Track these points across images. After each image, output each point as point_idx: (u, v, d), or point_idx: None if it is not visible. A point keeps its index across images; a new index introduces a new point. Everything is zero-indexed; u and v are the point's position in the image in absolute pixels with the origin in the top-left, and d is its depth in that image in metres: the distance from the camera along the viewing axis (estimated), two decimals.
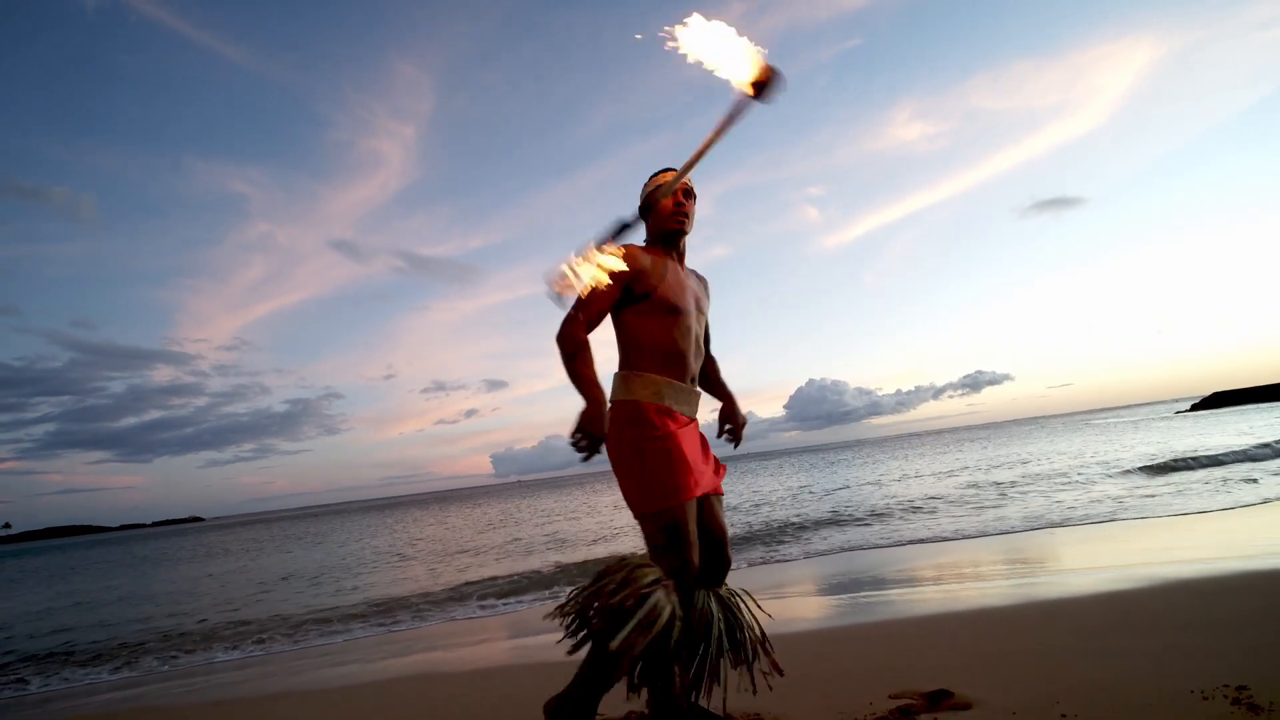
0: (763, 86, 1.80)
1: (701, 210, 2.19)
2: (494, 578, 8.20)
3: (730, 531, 2.22)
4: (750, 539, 9.17)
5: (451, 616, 6.18)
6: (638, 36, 1.86)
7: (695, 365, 2.11)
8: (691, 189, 2.12)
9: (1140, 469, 11.87)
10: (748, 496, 17.63)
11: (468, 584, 7.92)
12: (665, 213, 2.07)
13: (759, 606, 2.15)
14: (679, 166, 2.01)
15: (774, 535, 9.32)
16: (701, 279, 2.27)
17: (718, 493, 2.15)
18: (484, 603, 6.73)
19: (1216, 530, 5.80)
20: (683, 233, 2.10)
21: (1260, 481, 8.85)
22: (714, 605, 2.02)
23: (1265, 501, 7.14)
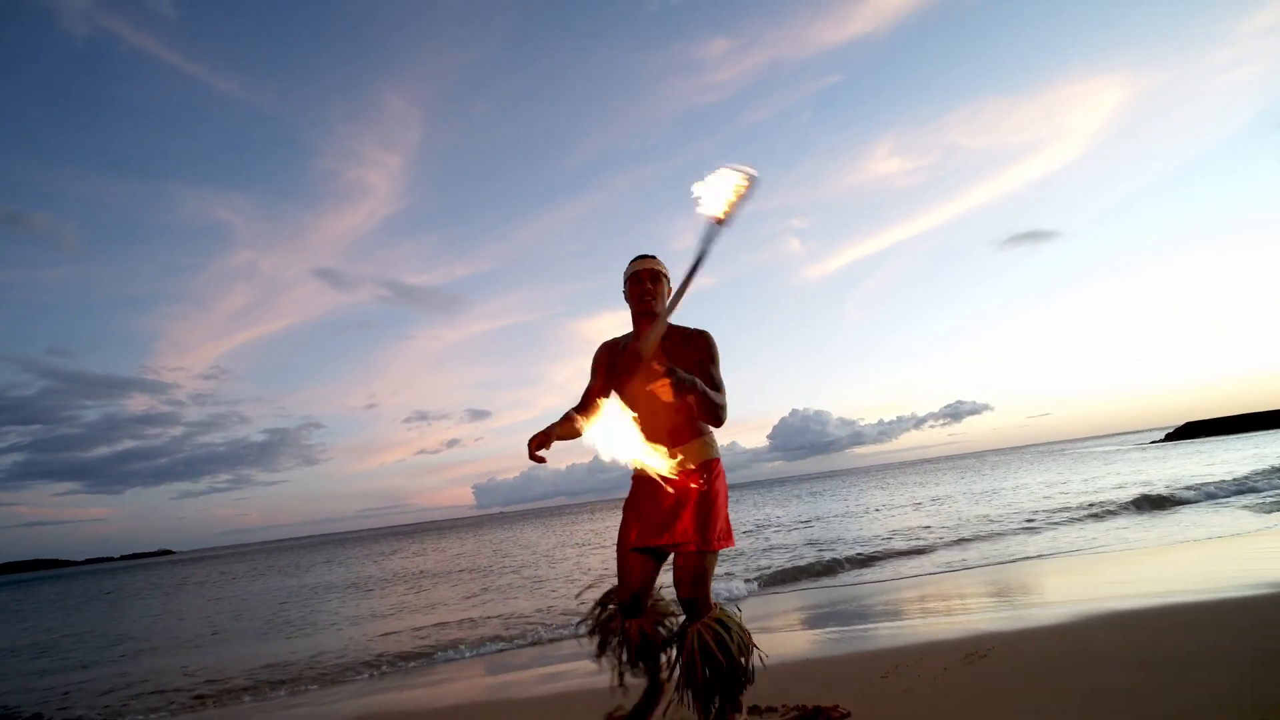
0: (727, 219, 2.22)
1: (688, 242, 2.36)
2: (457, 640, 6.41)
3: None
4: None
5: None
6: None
7: (658, 423, 2.33)
8: (656, 271, 2.43)
9: (1109, 501, 12.00)
10: None
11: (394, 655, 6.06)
12: (631, 300, 2.46)
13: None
14: (649, 252, 2.47)
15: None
16: (687, 336, 2.43)
17: (676, 544, 2.31)
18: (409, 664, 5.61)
19: (1176, 563, 5.86)
20: (652, 312, 2.39)
21: (1221, 513, 8.99)
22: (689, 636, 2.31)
23: (1211, 537, 7.24)
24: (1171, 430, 54.47)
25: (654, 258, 2.47)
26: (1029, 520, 10.86)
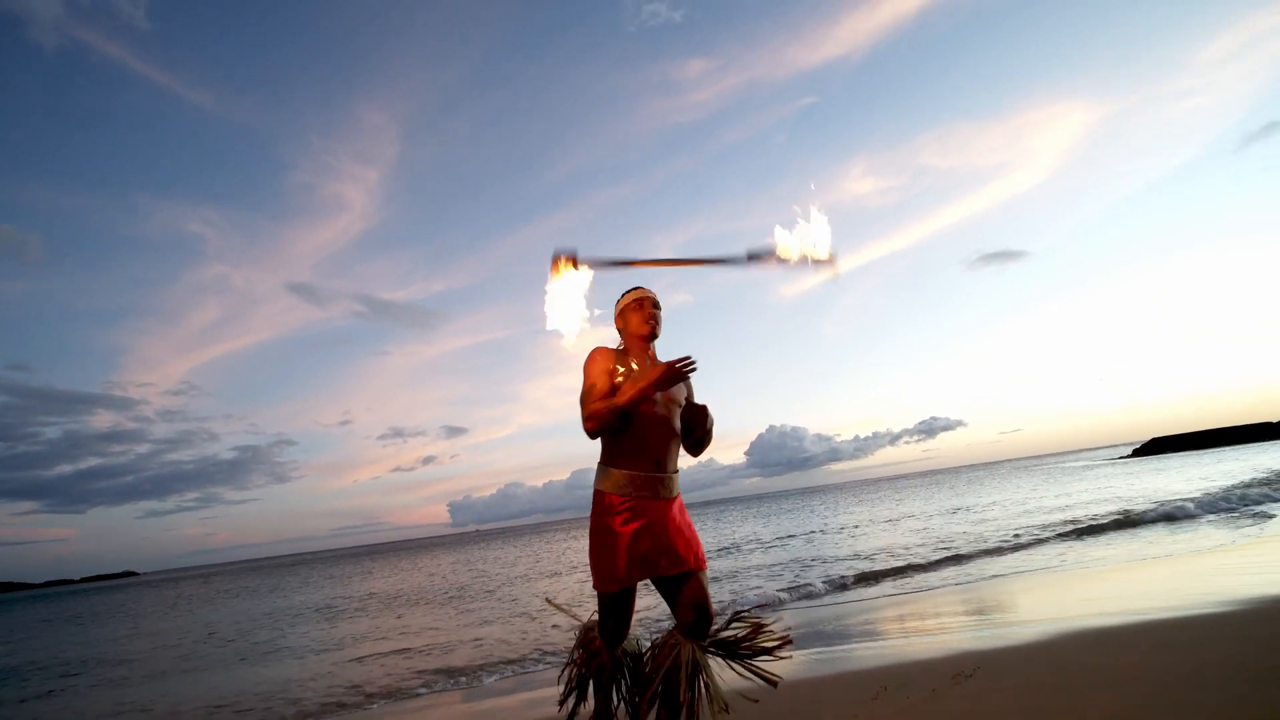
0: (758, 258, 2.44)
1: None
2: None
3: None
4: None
5: None
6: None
7: (668, 450, 2.45)
8: (656, 300, 2.58)
9: (1083, 518, 12.19)
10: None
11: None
12: (639, 324, 2.54)
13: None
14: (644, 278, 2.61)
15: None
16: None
17: (694, 568, 2.40)
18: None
19: (1147, 580, 5.95)
20: (654, 336, 2.55)
21: (1195, 528, 9.17)
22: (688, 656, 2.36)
23: (1170, 553, 7.37)
24: (1139, 446, 55.62)
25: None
26: (1004, 537, 10.98)
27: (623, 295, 2.61)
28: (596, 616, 2.61)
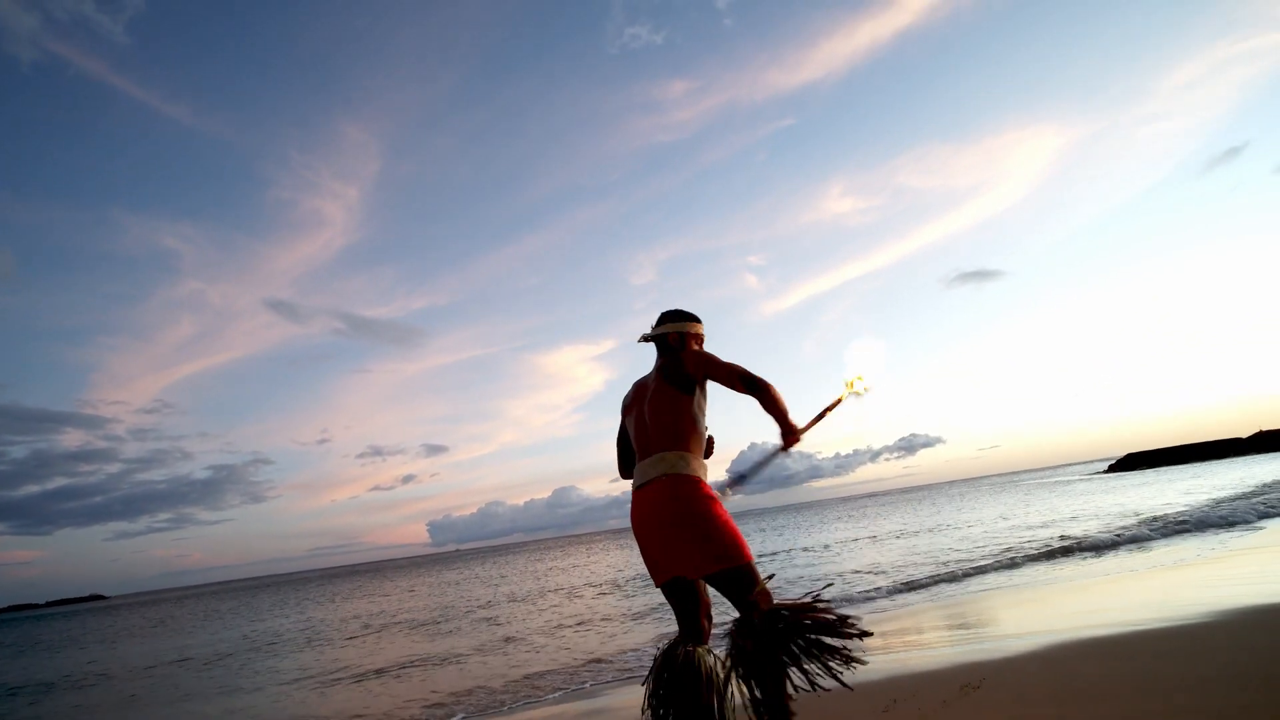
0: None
1: (646, 277, 2.61)
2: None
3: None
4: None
5: None
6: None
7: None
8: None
9: (1066, 535, 12.33)
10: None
11: None
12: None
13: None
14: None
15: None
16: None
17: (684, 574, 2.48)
18: None
19: (1135, 590, 6.03)
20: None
21: (1166, 542, 9.31)
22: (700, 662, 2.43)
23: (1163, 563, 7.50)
24: (1115, 461, 56.52)
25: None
26: (993, 553, 11.07)
27: (699, 321, 2.82)
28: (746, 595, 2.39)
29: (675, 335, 2.72)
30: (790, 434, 2.53)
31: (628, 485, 2.70)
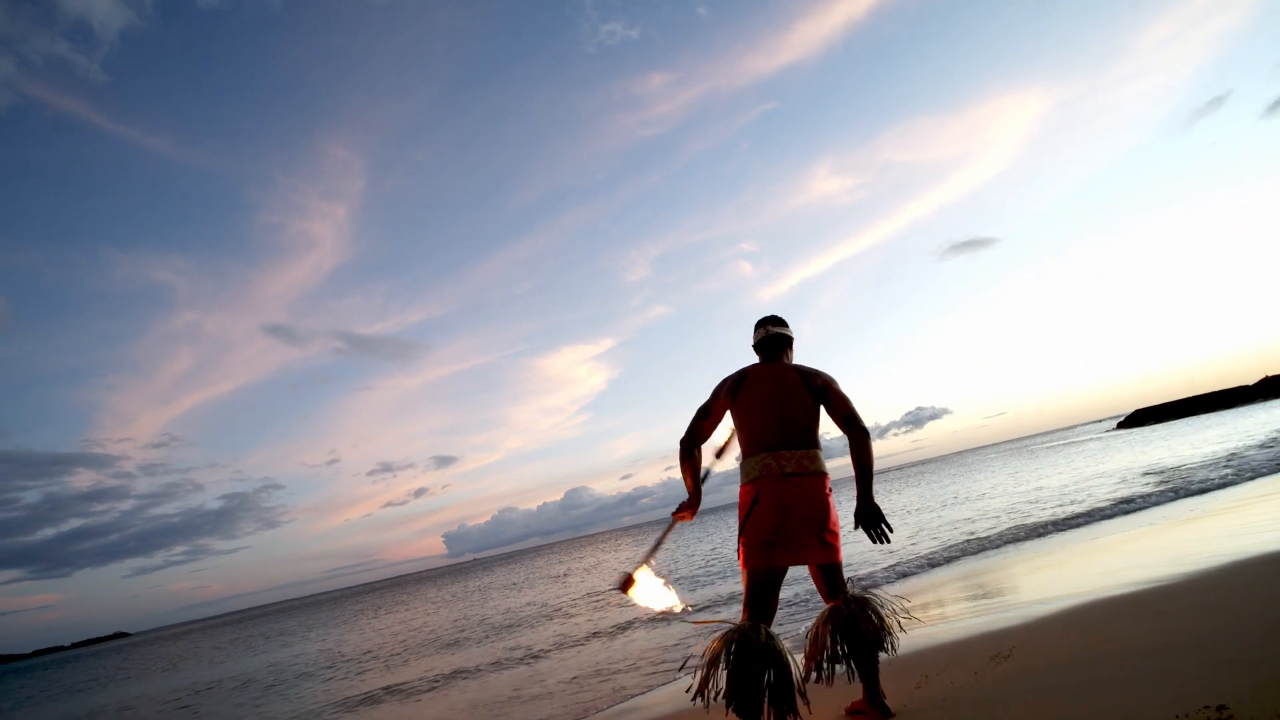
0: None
1: (641, 273, 2.67)
2: None
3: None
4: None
5: None
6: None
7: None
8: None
9: (1081, 494, 12.31)
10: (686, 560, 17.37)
11: None
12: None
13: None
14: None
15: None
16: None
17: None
18: None
19: (1164, 545, 6.00)
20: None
21: (1191, 496, 9.29)
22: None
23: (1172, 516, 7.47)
24: (1123, 419, 56.44)
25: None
26: (1007, 520, 11.06)
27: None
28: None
29: (789, 340, 3.00)
30: (863, 503, 2.72)
31: (640, 481, 2.73)
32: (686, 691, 2.60)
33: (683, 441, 2.80)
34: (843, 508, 3.01)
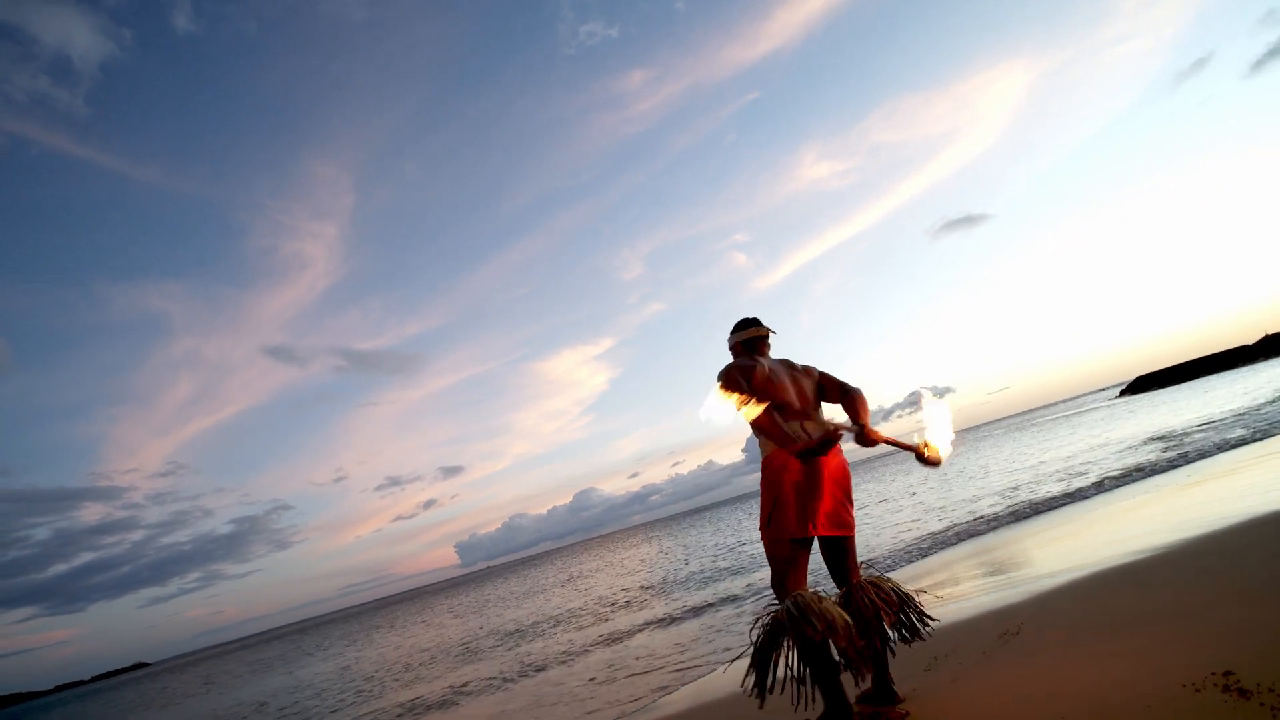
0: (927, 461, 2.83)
1: (635, 271, 2.76)
2: None
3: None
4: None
5: None
6: None
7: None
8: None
9: (1081, 465, 12.30)
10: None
11: None
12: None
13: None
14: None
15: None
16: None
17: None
18: None
19: (1167, 512, 5.99)
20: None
21: (1184, 458, 9.29)
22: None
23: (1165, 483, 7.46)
24: (1125, 386, 56.40)
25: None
26: (1012, 496, 11.06)
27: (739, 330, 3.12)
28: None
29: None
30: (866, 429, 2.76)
31: (648, 479, 2.72)
32: (741, 687, 2.52)
33: (763, 427, 2.72)
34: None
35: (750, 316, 3.14)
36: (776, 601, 2.64)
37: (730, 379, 2.77)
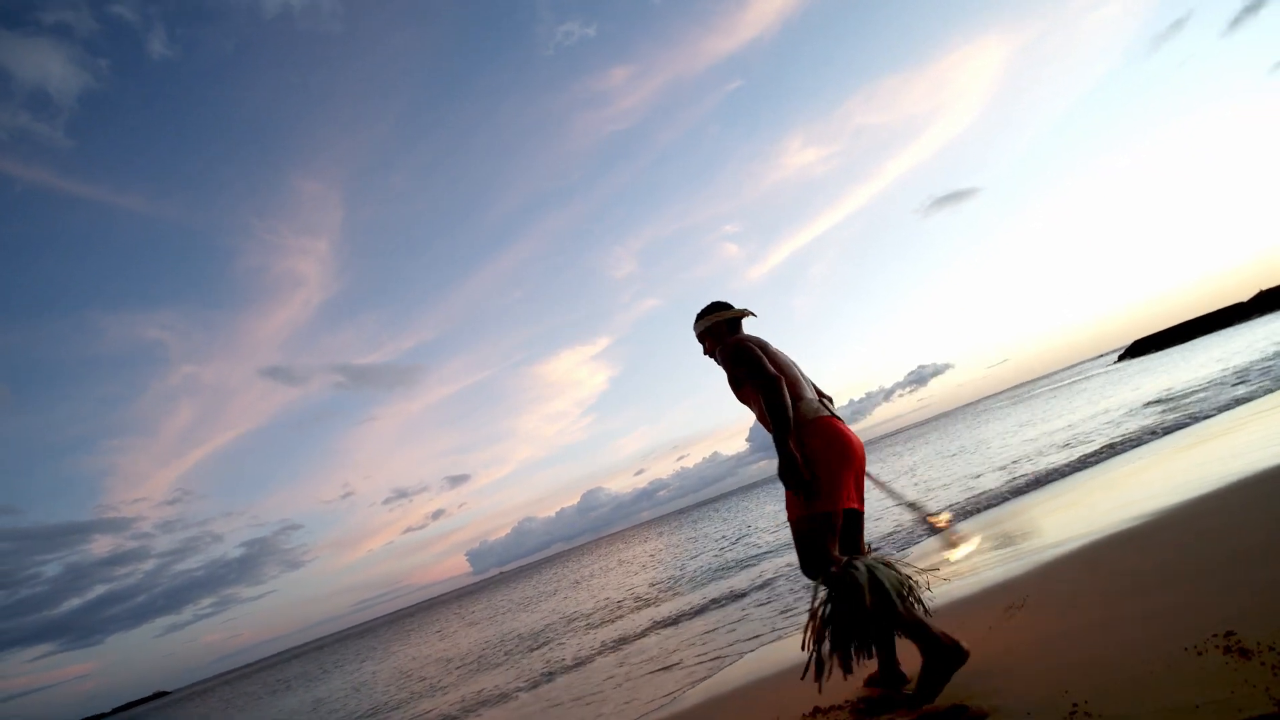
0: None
1: (628, 268, 2.77)
2: None
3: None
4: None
5: None
6: None
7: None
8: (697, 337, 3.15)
9: (1081, 434, 12.34)
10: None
11: None
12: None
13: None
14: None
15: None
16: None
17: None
18: None
19: (1168, 475, 6.02)
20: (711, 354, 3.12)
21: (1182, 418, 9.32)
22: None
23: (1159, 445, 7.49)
24: (1123, 350, 56.49)
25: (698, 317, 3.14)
26: (1014, 469, 11.09)
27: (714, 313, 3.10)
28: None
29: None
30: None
31: (654, 475, 2.72)
32: (803, 677, 2.45)
33: (782, 405, 2.60)
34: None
35: (720, 300, 3.12)
36: (816, 578, 2.56)
37: (750, 355, 2.71)
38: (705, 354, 3.14)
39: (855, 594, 2.39)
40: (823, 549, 2.51)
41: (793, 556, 9.87)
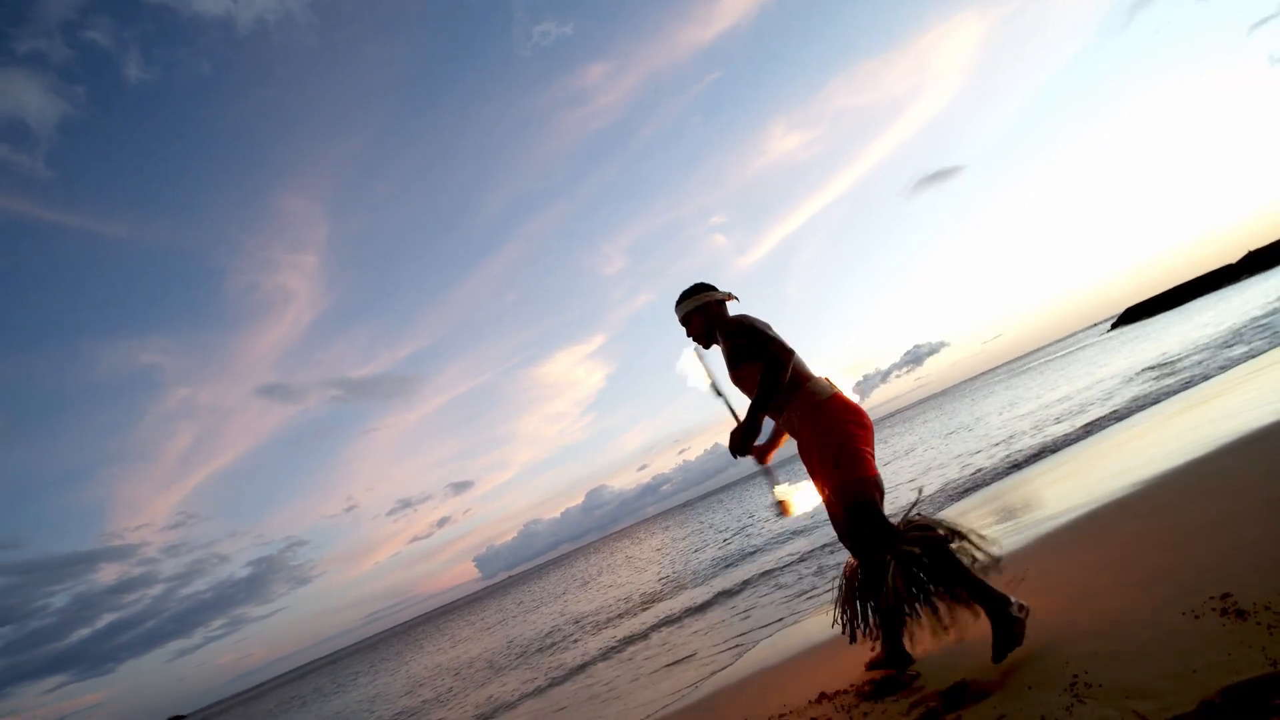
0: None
1: (618, 265, 2.86)
2: None
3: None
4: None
5: None
6: None
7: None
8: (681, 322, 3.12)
9: (1074, 406, 12.39)
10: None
11: None
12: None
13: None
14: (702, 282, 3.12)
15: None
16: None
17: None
18: None
19: (1166, 439, 6.04)
20: (703, 344, 3.10)
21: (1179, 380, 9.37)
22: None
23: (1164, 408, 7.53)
24: (1116, 318, 56.70)
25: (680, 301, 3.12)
26: (1010, 444, 11.13)
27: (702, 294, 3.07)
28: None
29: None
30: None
31: (657, 469, 2.76)
32: (869, 668, 2.50)
33: (780, 382, 2.63)
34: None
35: (705, 282, 3.13)
36: (861, 551, 2.61)
37: (758, 326, 2.77)
38: (690, 336, 3.08)
39: (941, 550, 2.41)
40: (879, 515, 2.55)
41: (797, 543, 9.90)
